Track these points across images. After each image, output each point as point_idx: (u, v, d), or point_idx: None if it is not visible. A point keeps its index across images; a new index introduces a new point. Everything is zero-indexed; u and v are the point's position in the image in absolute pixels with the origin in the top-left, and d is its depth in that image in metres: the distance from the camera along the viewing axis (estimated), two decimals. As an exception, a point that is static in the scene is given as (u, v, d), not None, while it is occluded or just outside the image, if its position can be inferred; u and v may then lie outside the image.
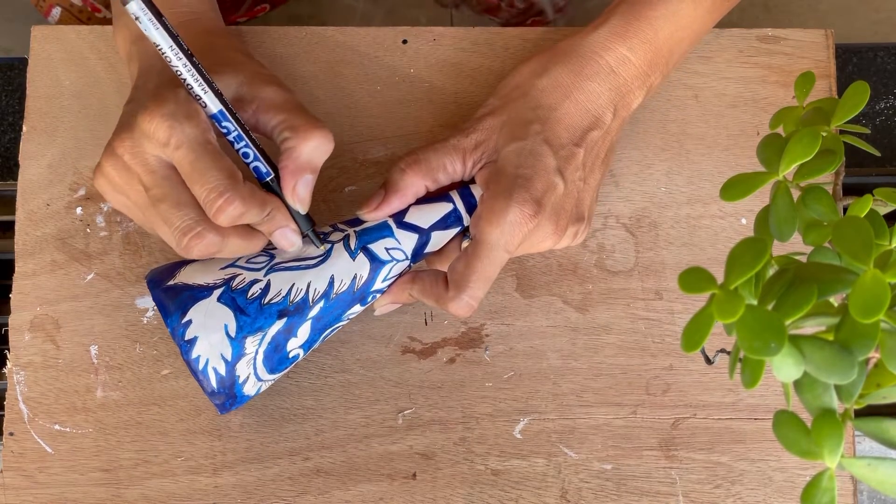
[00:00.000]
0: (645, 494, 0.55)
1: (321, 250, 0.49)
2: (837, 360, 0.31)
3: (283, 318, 0.48)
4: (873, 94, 0.71)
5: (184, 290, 0.47)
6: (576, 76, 0.52)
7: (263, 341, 0.48)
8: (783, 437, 0.33)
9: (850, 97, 0.39)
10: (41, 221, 0.57)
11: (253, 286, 0.48)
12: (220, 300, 0.47)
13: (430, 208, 0.51)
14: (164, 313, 0.47)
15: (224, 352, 0.47)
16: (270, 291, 0.48)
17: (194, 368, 0.47)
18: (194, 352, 0.46)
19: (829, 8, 1.13)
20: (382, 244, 0.50)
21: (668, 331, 0.57)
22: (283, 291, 0.48)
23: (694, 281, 0.32)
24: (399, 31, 0.60)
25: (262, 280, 0.48)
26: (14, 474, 0.54)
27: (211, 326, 0.47)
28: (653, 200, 0.58)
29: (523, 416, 0.56)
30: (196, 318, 0.46)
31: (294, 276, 0.48)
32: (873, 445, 0.97)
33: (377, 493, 0.54)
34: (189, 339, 0.46)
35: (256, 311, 0.47)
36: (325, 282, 0.49)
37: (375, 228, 0.50)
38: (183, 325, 0.46)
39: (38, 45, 0.59)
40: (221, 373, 0.47)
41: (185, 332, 0.46)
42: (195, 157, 0.44)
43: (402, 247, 0.51)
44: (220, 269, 0.48)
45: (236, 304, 0.47)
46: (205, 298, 0.47)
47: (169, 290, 0.47)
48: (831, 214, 0.36)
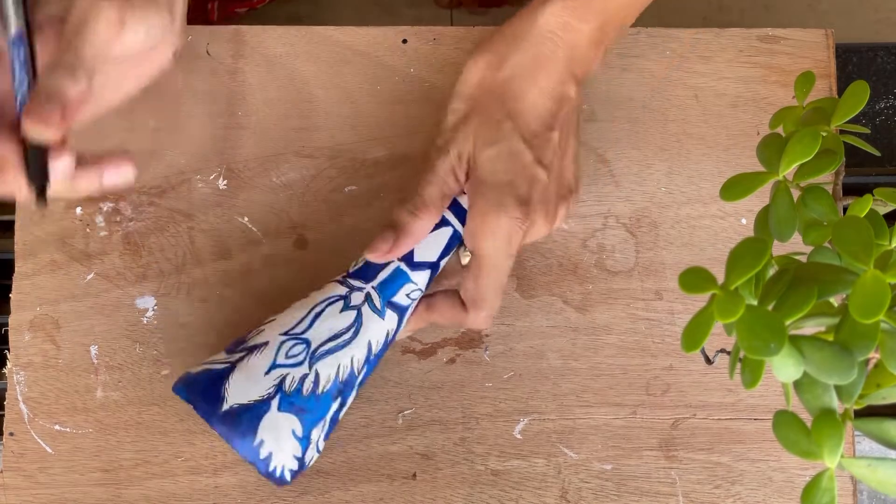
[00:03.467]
0: (645, 494, 0.55)
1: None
2: (837, 360, 0.31)
3: (337, 399, 0.49)
4: (873, 94, 0.71)
5: (244, 413, 0.47)
6: (535, 60, 0.51)
7: (325, 425, 0.49)
8: (783, 437, 0.33)
9: (849, 97, 0.40)
10: (41, 221, 0.57)
11: (304, 382, 0.48)
12: (280, 409, 0.47)
13: (434, 239, 0.51)
14: (232, 441, 0.46)
15: (296, 452, 0.48)
16: (321, 380, 0.48)
17: (272, 478, 0.47)
18: (271, 465, 0.47)
19: (829, 8, 1.13)
20: (403, 292, 0.51)
21: (668, 331, 0.57)
22: (332, 375, 0.48)
23: (694, 281, 0.32)
24: (399, 31, 0.60)
25: (310, 372, 0.48)
26: (14, 474, 0.54)
27: (282, 438, 0.47)
28: (653, 200, 0.58)
29: (523, 416, 0.56)
30: (266, 437, 0.47)
31: (337, 357, 0.49)
32: (873, 445, 0.97)
33: (377, 493, 0.54)
34: (265, 457, 0.47)
35: (315, 405, 0.48)
36: (364, 349, 0.49)
37: (392, 278, 0.50)
38: (255, 448, 0.46)
39: (37, 45, 0.59)
40: (295, 468, 0.48)
41: (259, 452, 0.47)
42: None
43: (419, 286, 0.51)
44: (265, 374, 0.48)
45: (296, 406, 0.47)
46: (266, 413, 0.47)
47: (228, 416, 0.47)
48: (831, 214, 0.36)
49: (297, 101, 0.59)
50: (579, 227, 0.58)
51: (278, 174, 0.58)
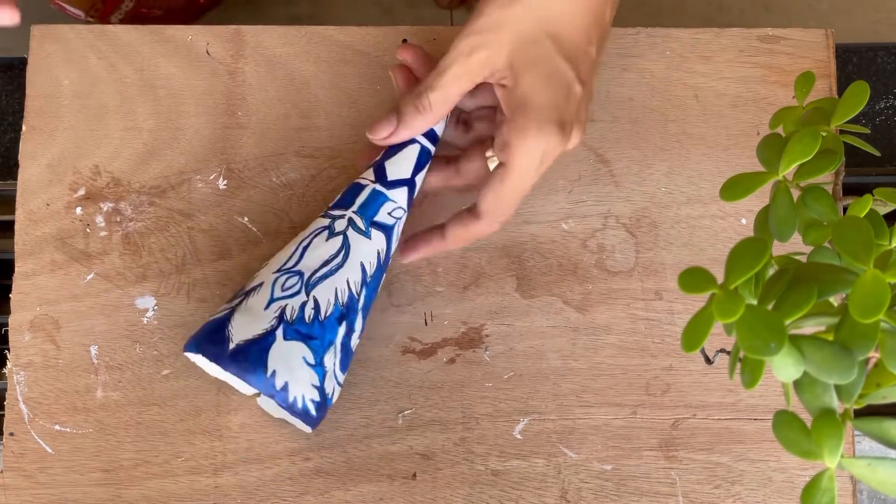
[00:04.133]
0: (645, 495, 0.55)
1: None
2: (837, 360, 0.31)
3: (342, 323, 0.49)
4: (873, 94, 0.71)
5: (250, 348, 0.47)
6: None
7: (336, 351, 0.49)
8: (783, 437, 0.33)
9: (849, 97, 0.40)
10: (41, 221, 0.57)
11: (305, 309, 0.48)
12: (287, 338, 0.47)
13: (403, 157, 0.52)
14: (246, 377, 0.47)
15: (313, 381, 0.48)
16: (321, 305, 0.48)
17: (295, 410, 0.47)
18: (290, 396, 0.47)
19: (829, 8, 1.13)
20: (384, 210, 0.51)
21: (668, 331, 0.57)
22: (331, 299, 0.49)
23: (694, 281, 0.32)
24: (399, 31, 0.60)
25: (308, 299, 0.48)
26: (14, 474, 0.54)
27: (295, 366, 0.47)
28: (653, 200, 0.58)
29: (523, 416, 0.56)
30: (278, 366, 0.47)
31: (333, 281, 0.49)
32: (873, 445, 0.97)
33: (377, 493, 0.54)
34: (280, 387, 0.47)
35: (320, 330, 0.48)
36: (358, 271, 0.50)
37: (370, 200, 0.51)
38: (270, 380, 0.47)
39: (37, 45, 0.59)
40: (317, 399, 0.48)
41: (274, 383, 0.47)
42: None
43: (399, 203, 0.52)
44: (265, 309, 0.48)
45: (301, 333, 0.48)
46: (273, 343, 0.47)
47: (237, 354, 0.47)
48: (831, 214, 0.36)
49: (297, 101, 0.59)
50: (579, 227, 0.58)
51: (278, 174, 0.58)
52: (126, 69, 0.59)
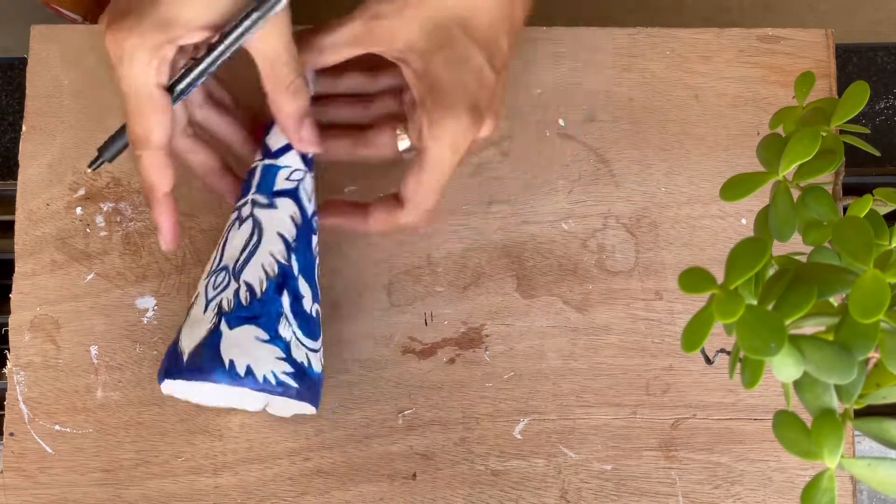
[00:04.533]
0: (645, 495, 0.55)
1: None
2: (837, 360, 0.31)
3: (283, 291, 0.49)
4: (873, 94, 0.71)
5: (201, 350, 0.47)
6: None
7: (289, 320, 0.49)
8: (783, 437, 0.33)
9: (850, 97, 0.40)
10: (41, 221, 0.57)
11: (239, 295, 0.48)
12: (231, 328, 0.47)
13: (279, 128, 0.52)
14: (208, 377, 0.46)
15: (276, 354, 0.47)
16: (254, 284, 0.48)
17: (272, 388, 0.47)
18: (259, 376, 0.46)
19: (829, 8, 1.13)
20: (281, 177, 0.51)
21: (668, 331, 0.57)
22: (261, 276, 0.49)
23: (694, 281, 0.32)
24: (399, 31, 0.60)
25: (239, 284, 0.48)
26: (14, 474, 0.54)
27: (250, 349, 0.47)
28: (653, 200, 0.58)
29: (523, 416, 0.56)
30: (233, 355, 0.46)
31: (256, 259, 0.49)
32: (873, 445, 0.97)
33: (377, 493, 0.54)
34: (244, 373, 0.46)
35: (262, 307, 0.48)
36: (278, 241, 0.50)
37: (263, 177, 0.51)
38: (230, 370, 0.46)
39: (37, 45, 0.59)
40: (290, 370, 0.47)
41: (236, 372, 0.46)
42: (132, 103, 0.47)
43: (293, 166, 0.52)
44: (203, 312, 0.48)
45: (243, 317, 0.47)
46: (221, 337, 0.47)
47: (191, 361, 0.47)
48: (831, 214, 0.36)
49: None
50: (579, 227, 0.58)
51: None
52: (126, 69, 0.59)
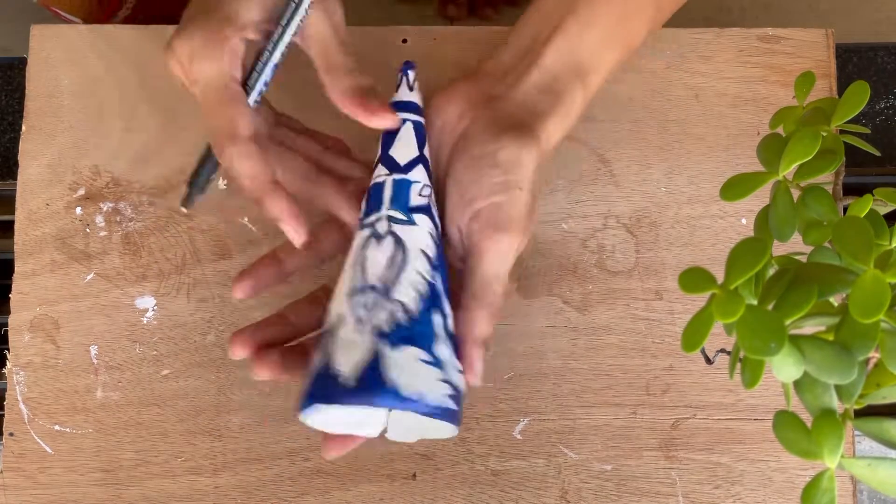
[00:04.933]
0: (645, 495, 0.55)
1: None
2: (837, 360, 0.31)
3: (435, 312, 0.47)
4: (873, 94, 0.71)
5: (365, 373, 0.44)
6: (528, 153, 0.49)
7: (443, 339, 0.47)
8: (783, 437, 0.33)
9: (850, 97, 0.39)
10: (41, 221, 0.57)
11: (395, 315, 0.46)
12: (393, 348, 0.45)
13: (402, 138, 0.51)
14: (375, 401, 0.43)
15: (437, 376, 0.45)
16: (408, 304, 0.47)
17: (437, 412, 0.45)
18: (426, 400, 0.44)
19: (829, 8, 1.13)
20: (414, 193, 0.50)
21: (668, 331, 0.57)
22: (413, 295, 0.47)
23: (694, 281, 0.32)
24: (399, 31, 0.60)
25: (394, 304, 0.46)
26: (14, 475, 0.54)
27: (414, 371, 0.44)
28: (653, 200, 0.58)
29: (523, 416, 0.56)
30: (399, 378, 0.44)
31: (405, 278, 0.47)
32: (873, 445, 0.97)
33: (377, 493, 0.54)
34: (416, 397, 0.44)
35: (419, 327, 0.46)
36: (422, 259, 0.48)
37: (396, 191, 0.50)
38: (398, 393, 0.43)
39: (37, 45, 0.59)
40: (451, 392, 0.45)
41: (403, 395, 0.44)
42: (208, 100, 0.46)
43: (423, 181, 0.50)
44: (357, 333, 0.46)
45: (404, 337, 0.45)
46: (384, 358, 0.44)
47: (356, 385, 0.44)
48: (831, 214, 0.36)
49: (297, 101, 0.58)
50: (579, 227, 0.58)
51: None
52: (126, 69, 0.59)
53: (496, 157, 0.49)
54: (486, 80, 0.52)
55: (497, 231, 0.48)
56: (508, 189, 0.48)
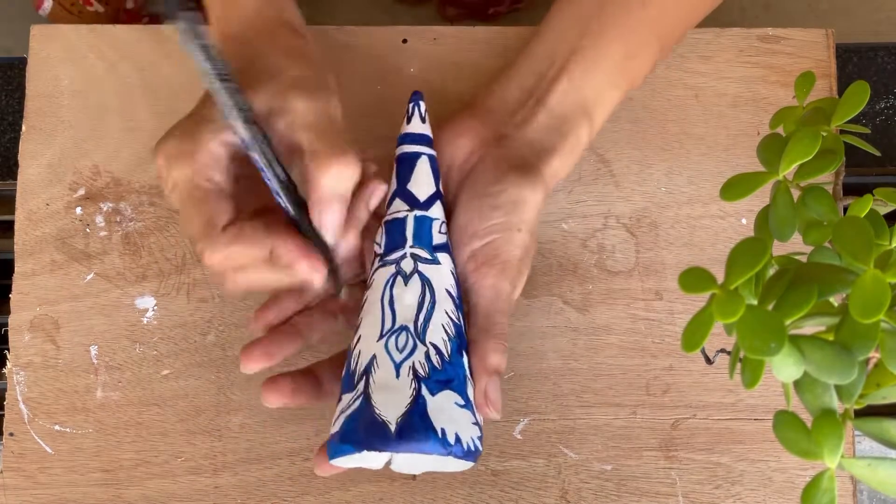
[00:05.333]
0: (645, 495, 0.55)
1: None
2: (837, 360, 0.31)
3: (462, 352, 0.48)
4: (873, 94, 0.71)
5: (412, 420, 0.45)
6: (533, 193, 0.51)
7: (471, 380, 0.48)
8: (783, 437, 0.33)
9: (850, 97, 0.39)
10: (41, 221, 0.57)
11: (430, 358, 0.47)
12: (434, 394, 0.46)
13: (419, 173, 0.51)
14: (422, 448, 0.44)
15: (471, 419, 0.47)
16: (440, 347, 0.47)
17: (469, 456, 0.46)
18: (464, 445, 0.45)
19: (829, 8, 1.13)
20: (435, 230, 0.50)
21: (669, 331, 0.57)
22: (443, 337, 0.48)
23: (694, 281, 0.32)
24: (399, 31, 0.60)
25: (427, 347, 0.47)
26: (14, 475, 0.54)
27: (455, 416, 0.46)
28: (653, 200, 0.58)
29: (523, 416, 0.56)
30: (444, 424, 0.45)
31: (435, 320, 0.48)
32: (873, 445, 0.97)
33: (377, 493, 0.54)
34: (454, 441, 0.45)
35: (453, 370, 0.47)
36: (449, 299, 0.49)
37: (418, 228, 0.50)
38: (444, 440, 0.45)
39: (37, 45, 0.59)
40: (479, 434, 0.47)
41: (448, 440, 0.45)
42: (181, 202, 0.44)
43: (441, 218, 0.50)
44: (397, 378, 0.46)
45: (441, 381, 0.46)
46: (427, 404, 0.45)
47: (402, 434, 0.45)
48: (831, 214, 0.36)
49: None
50: (579, 227, 0.58)
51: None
52: (126, 69, 0.59)
53: (498, 198, 0.50)
54: (493, 118, 0.53)
55: (491, 269, 0.49)
56: (506, 230, 0.50)
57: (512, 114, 0.53)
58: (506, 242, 0.50)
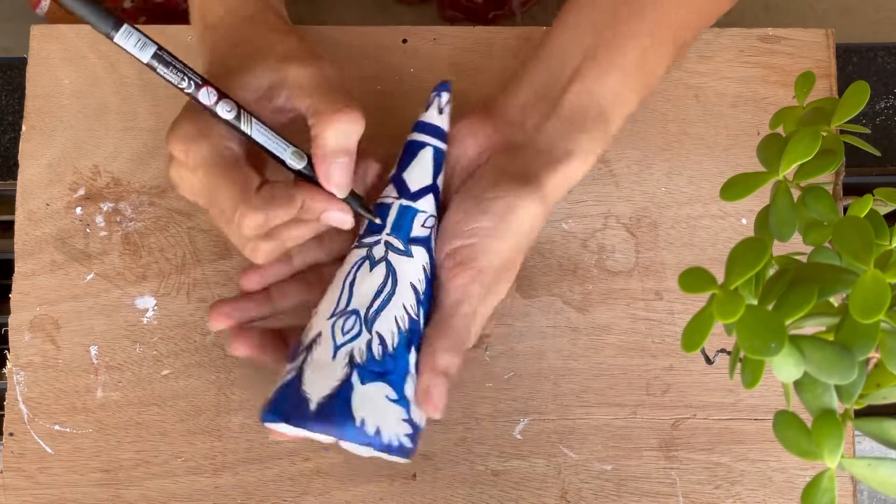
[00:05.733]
0: (645, 495, 0.55)
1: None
2: (837, 360, 0.31)
3: (411, 349, 0.48)
4: (873, 94, 0.71)
5: (332, 402, 0.45)
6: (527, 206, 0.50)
7: (414, 378, 0.48)
8: (783, 437, 0.33)
9: (850, 97, 0.39)
10: (41, 221, 0.57)
11: (372, 347, 0.47)
12: (364, 382, 0.46)
13: (419, 163, 0.51)
14: (336, 432, 0.45)
15: (401, 415, 0.46)
16: (387, 338, 0.47)
17: (392, 450, 0.46)
18: (385, 438, 0.45)
19: (829, 8, 1.13)
20: (417, 224, 0.50)
21: (669, 331, 0.57)
22: (394, 329, 0.47)
23: (694, 281, 0.32)
24: (399, 31, 0.60)
25: (372, 336, 0.47)
26: (14, 475, 0.54)
27: (380, 407, 0.46)
28: (653, 200, 0.58)
29: (523, 416, 0.56)
30: (365, 413, 0.45)
31: (389, 310, 0.48)
32: (873, 445, 0.97)
33: (377, 493, 0.54)
34: (374, 433, 0.45)
35: (393, 363, 0.47)
36: (410, 293, 0.48)
37: (400, 217, 0.50)
38: (361, 429, 0.45)
39: (37, 45, 0.59)
40: (410, 431, 0.47)
41: (365, 431, 0.45)
42: (208, 177, 0.45)
43: (429, 212, 0.50)
44: (333, 358, 0.46)
45: (376, 372, 0.46)
46: (353, 391, 0.46)
47: (320, 412, 0.45)
48: (831, 214, 0.36)
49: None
50: (579, 227, 0.58)
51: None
52: (126, 69, 0.59)
53: (490, 204, 0.49)
54: (505, 122, 0.52)
55: (465, 271, 0.49)
56: (489, 237, 0.49)
57: (523, 119, 0.52)
58: (486, 248, 0.49)
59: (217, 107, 0.46)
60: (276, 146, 0.47)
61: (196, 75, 0.46)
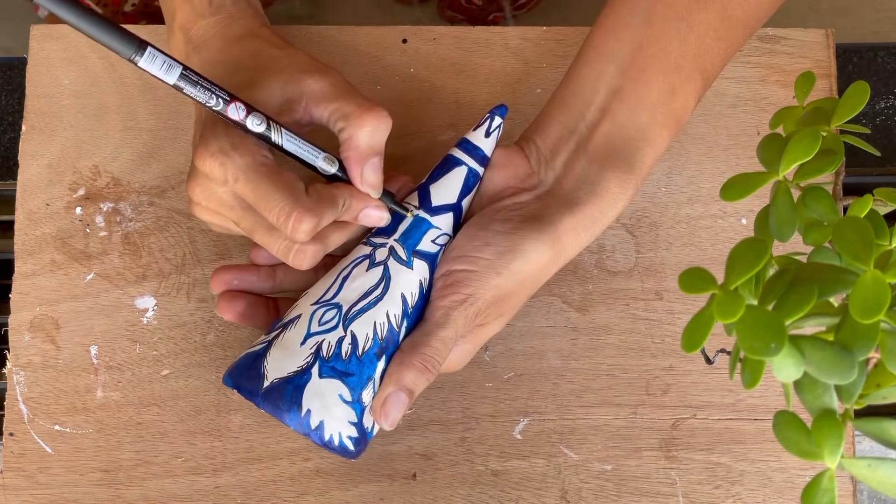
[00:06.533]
0: (645, 495, 0.55)
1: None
2: (837, 360, 0.31)
3: (381, 357, 0.48)
4: (873, 94, 0.71)
5: (285, 386, 0.46)
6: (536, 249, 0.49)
7: (375, 385, 0.48)
8: (783, 437, 0.33)
9: (850, 97, 0.39)
10: (41, 221, 0.57)
11: (342, 345, 0.47)
12: (322, 376, 0.46)
13: (449, 180, 0.50)
14: (280, 415, 0.46)
15: (349, 418, 0.47)
16: (359, 340, 0.47)
17: (332, 447, 0.47)
18: (326, 434, 0.46)
19: (829, 8, 1.13)
20: (428, 238, 0.50)
21: (668, 331, 0.57)
22: (370, 334, 0.47)
23: (694, 281, 0.32)
24: (399, 31, 0.60)
25: (346, 334, 0.47)
26: (14, 474, 0.54)
27: (330, 405, 0.46)
28: (653, 200, 0.58)
29: (523, 416, 0.56)
30: (312, 406, 0.46)
31: (371, 315, 0.48)
32: (873, 445, 0.97)
33: (377, 493, 0.54)
34: (316, 426, 0.46)
35: (358, 366, 0.47)
36: (398, 303, 0.48)
37: (413, 228, 0.50)
38: (304, 419, 0.46)
39: (37, 45, 0.59)
40: (355, 435, 0.47)
41: (308, 422, 0.46)
42: (252, 185, 0.45)
43: (444, 230, 0.50)
44: (301, 345, 0.47)
45: (337, 370, 0.46)
46: (308, 382, 0.46)
47: (271, 392, 0.46)
48: (831, 214, 0.36)
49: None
50: (579, 227, 0.58)
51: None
52: (126, 69, 0.59)
53: (494, 238, 0.49)
54: (536, 158, 0.51)
55: (454, 295, 0.48)
56: (488, 269, 0.48)
57: (553, 156, 0.51)
58: (480, 280, 0.48)
59: (247, 120, 0.46)
60: (308, 153, 0.48)
61: (223, 91, 0.45)
